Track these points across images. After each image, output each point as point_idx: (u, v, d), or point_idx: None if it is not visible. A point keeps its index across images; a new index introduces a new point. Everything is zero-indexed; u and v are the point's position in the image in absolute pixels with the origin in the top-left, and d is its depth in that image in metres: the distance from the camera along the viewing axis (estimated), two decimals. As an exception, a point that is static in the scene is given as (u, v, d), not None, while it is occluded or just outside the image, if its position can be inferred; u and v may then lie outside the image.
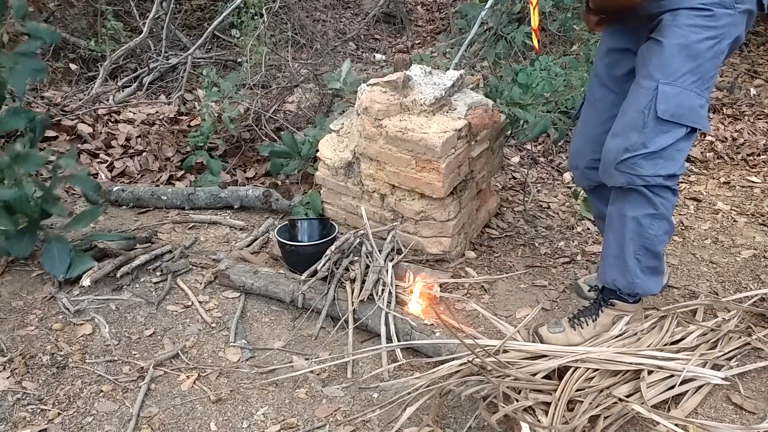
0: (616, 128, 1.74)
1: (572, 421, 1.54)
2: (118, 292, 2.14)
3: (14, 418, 1.65)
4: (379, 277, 2.05)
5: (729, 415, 1.72)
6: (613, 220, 1.83)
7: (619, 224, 1.81)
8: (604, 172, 1.78)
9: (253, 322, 2.07)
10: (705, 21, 1.62)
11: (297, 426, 1.66)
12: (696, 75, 1.65)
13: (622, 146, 1.70)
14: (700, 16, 1.62)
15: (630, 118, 1.70)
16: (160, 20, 4.21)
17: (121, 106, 3.51)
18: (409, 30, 5.35)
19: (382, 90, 2.31)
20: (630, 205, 1.77)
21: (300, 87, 3.49)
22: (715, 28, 1.63)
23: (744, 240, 2.66)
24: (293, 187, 2.86)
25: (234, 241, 2.49)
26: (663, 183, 1.72)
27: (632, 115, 1.69)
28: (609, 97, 1.86)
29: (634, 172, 1.70)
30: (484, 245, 2.55)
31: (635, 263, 1.82)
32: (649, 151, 1.67)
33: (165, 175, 2.97)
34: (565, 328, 1.96)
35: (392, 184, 2.31)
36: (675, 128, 1.67)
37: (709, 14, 1.62)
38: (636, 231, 1.78)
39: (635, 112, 1.69)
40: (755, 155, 3.46)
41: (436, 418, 1.67)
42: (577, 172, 2.03)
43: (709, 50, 1.64)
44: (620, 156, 1.70)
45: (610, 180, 1.77)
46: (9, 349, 1.87)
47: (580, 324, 1.95)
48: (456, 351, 1.78)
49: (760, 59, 4.90)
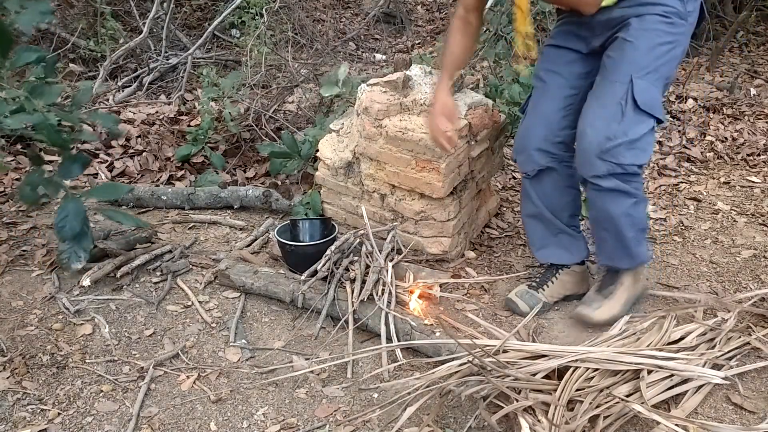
0: (595, 120, 1.85)
1: (572, 421, 1.54)
2: (118, 292, 2.14)
3: (14, 418, 1.65)
4: (379, 277, 2.05)
5: (729, 415, 1.72)
6: (602, 222, 1.96)
7: (609, 223, 1.94)
8: (586, 162, 1.87)
9: (253, 322, 2.07)
10: (667, 27, 1.83)
11: (297, 426, 1.66)
12: (658, 74, 1.84)
13: (604, 135, 1.81)
14: (663, 23, 1.83)
15: (609, 110, 1.83)
16: (160, 20, 4.21)
17: (121, 106, 3.51)
18: (409, 30, 5.35)
19: (382, 90, 2.31)
20: (613, 204, 1.89)
21: (300, 87, 3.49)
22: (674, 35, 1.84)
23: (744, 240, 2.66)
24: (293, 187, 2.86)
25: (234, 241, 2.49)
26: (637, 171, 1.87)
27: (611, 107, 1.82)
28: (557, 80, 2.02)
29: (615, 161, 1.82)
30: (484, 245, 2.55)
31: (635, 245, 1.98)
32: (630, 139, 1.81)
33: (165, 175, 2.97)
34: (602, 302, 2.04)
35: (392, 184, 2.31)
36: (647, 119, 1.83)
37: (669, 21, 1.83)
38: (628, 223, 1.93)
39: (613, 104, 1.82)
40: (755, 155, 3.46)
41: (436, 418, 1.67)
42: (524, 155, 2.07)
43: (668, 53, 1.85)
44: (604, 145, 1.81)
45: (591, 169, 1.86)
46: (9, 349, 1.87)
47: (610, 293, 2.05)
48: (456, 351, 1.78)
49: (760, 59, 4.90)
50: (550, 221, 2.12)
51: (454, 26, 2.08)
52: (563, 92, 2.01)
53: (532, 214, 2.15)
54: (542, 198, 2.10)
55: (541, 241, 2.17)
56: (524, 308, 2.08)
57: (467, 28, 2.06)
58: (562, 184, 2.08)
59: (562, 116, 2.01)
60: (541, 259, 2.22)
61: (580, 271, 2.20)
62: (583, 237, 2.21)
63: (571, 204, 2.14)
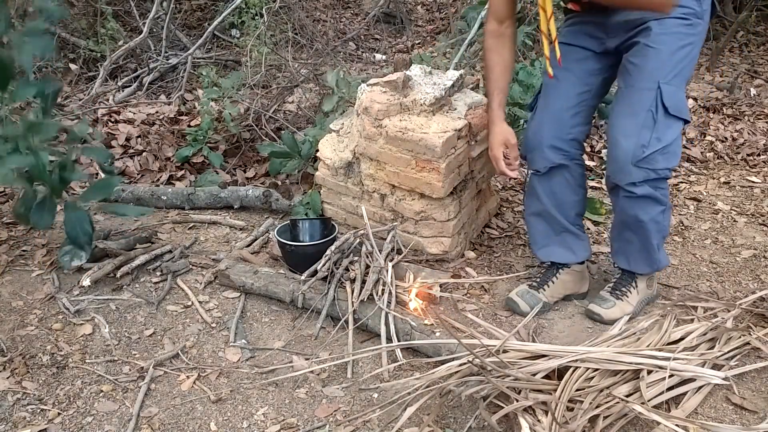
0: (627, 128, 1.86)
1: (572, 421, 1.54)
2: (118, 292, 2.14)
3: (14, 418, 1.65)
4: (379, 277, 2.05)
5: (729, 415, 1.72)
6: (630, 227, 1.99)
7: (638, 229, 1.98)
8: (621, 170, 1.88)
9: (253, 322, 2.07)
10: (686, 29, 1.85)
11: (297, 426, 1.66)
12: (681, 76, 1.87)
13: (638, 143, 1.83)
14: (682, 25, 1.84)
15: (640, 118, 1.84)
16: (160, 20, 4.21)
17: (121, 106, 3.51)
18: (409, 30, 5.35)
19: (382, 90, 2.31)
20: (643, 211, 1.92)
21: (300, 87, 3.49)
22: (693, 35, 1.87)
23: (744, 240, 2.66)
24: (293, 187, 2.86)
25: (234, 241, 2.49)
26: (668, 175, 1.91)
27: (642, 115, 1.84)
28: (569, 77, 2.01)
29: (651, 167, 1.85)
30: (484, 245, 2.55)
31: (657, 251, 2.04)
32: (663, 146, 1.83)
33: (165, 175, 2.97)
34: (615, 302, 2.07)
35: (392, 184, 2.31)
36: (676, 122, 1.86)
37: (689, 23, 1.85)
38: (655, 229, 1.97)
39: (643, 111, 1.84)
40: (755, 155, 3.46)
41: (436, 418, 1.67)
42: (536, 153, 2.06)
43: (689, 54, 1.88)
44: (639, 153, 1.84)
45: (626, 177, 1.88)
46: (9, 349, 1.87)
47: (624, 294, 2.09)
48: (456, 351, 1.78)
49: (760, 59, 4.90)
50: (554, 219, 2.12)
51: (488, 46, 2.03)
52: (575, 89, 2.01)
53: (537, 212, 2.14)
54: (550, 196, 2.09)
55: (543, 240, 2.17)
56: (525, 308, 2.08)
57: (503, 42, 2.02)
58: (573, 182, 2.08)
59: (574, 113, 2.01)
60: (542, 258, 2.22)
61: (581, 270, 2.20)
62: (587, 237, 2.21)
63: (579, 203, 2.14)
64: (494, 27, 2.01)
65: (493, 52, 2.03)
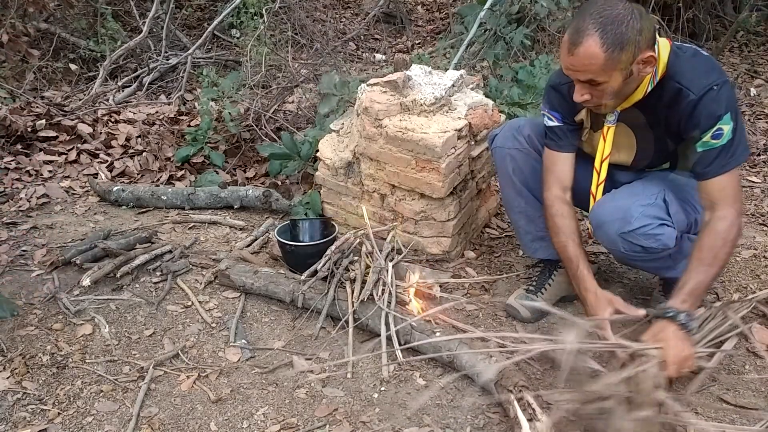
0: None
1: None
2: (118, 292, 2.14)
3: (14, 418, 1.65)
4: (379, 277, 2.05)
5: (729, 415, 1.72)
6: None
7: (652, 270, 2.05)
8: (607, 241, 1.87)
9: (253, 322, 2.07)
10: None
11: (297, 426, 1.66)
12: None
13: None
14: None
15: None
16: (160, 20, 4.22)
17: (121, 106, 3.51)
18: (409, 30, 5.35)
19: (382, 90, 2.31)
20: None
21: (300, 87, 3.49)
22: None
23: (744, 240, 2.66)
24: (293, 187, 2.86)
25: (234, 241, 2.49)
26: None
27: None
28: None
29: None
30: (484, 245, 2.55)
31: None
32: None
33: (165, 175, 2.97)
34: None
35: (392, 184, 2.31)
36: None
37: None
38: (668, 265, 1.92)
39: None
40: (755, 155, 3.46)
41: (436, 419, 1.68)
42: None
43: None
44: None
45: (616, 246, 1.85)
46: (9, 349, 1.87)
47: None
48: (456, 351, 1.78)
49: (760, 59, 4.90)
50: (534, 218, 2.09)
51: (561, 212, 1.89)
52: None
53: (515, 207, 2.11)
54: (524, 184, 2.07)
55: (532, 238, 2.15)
56: (525, 314, 2.08)
57: (571, 210, 1.92)
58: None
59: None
60: (535, 256, 2.20)
61: None
62: None
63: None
64: (558, 194, 1.93)
65: (567, 218, 1.91)
